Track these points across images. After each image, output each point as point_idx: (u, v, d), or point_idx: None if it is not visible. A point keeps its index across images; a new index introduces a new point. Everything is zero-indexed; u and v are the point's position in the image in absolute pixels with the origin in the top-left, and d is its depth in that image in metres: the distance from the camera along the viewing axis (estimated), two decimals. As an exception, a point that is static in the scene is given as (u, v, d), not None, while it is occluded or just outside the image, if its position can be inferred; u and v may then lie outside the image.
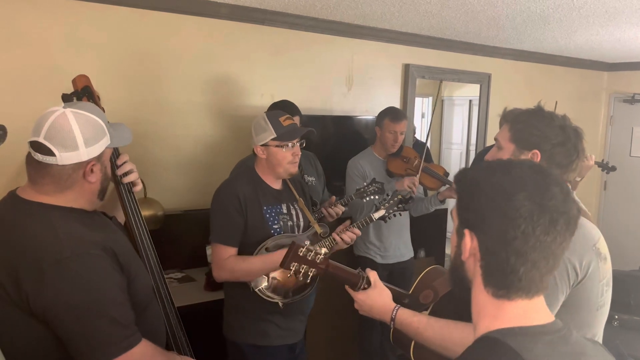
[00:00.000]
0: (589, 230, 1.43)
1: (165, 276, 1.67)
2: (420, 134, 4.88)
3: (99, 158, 1.34)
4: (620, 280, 3.14)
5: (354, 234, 2.20)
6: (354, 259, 3.21)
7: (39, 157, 1.28)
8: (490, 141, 4.57)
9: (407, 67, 4.00)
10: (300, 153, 2.13)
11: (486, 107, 4.67)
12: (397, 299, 1.50)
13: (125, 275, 1.33)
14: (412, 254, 3.29)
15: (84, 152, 1.30)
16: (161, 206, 2.77)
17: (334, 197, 2.65)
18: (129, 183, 1.60)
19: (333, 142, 3.68)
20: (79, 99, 1.60)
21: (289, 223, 2.13)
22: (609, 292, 1.46)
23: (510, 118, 1.53)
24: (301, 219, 2.18)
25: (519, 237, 0.86)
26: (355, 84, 3.78)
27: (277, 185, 2.16)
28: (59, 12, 2.61)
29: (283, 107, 2.62)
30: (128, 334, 1.27)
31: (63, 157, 1.27)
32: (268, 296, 2.01)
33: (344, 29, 3.55)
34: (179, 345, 1.64)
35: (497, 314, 0.90)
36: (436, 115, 5.37)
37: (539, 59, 4.86)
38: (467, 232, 0.92)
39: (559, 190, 0.89)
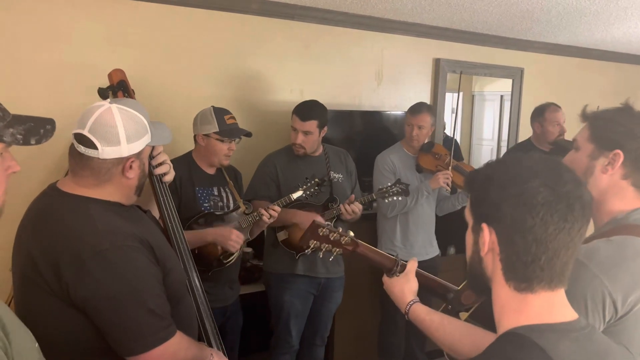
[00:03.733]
0: None
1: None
2: (450, 130, 4.82)
3: (138, 155, 1.37)
4: None
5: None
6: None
7: (81, 149, 1.31)
8: (522, 137, 4.48)
9: (437, 62, 3.95)
10: (234, 149, 2.42)
11: (518, 103, 4.58)
12: (439, 291, 1.49)
13: (160, 268, 1.35)
14: (437, 252, 3.26)
15: (125, 148, 1.32)
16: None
17: (352, 196, 2.69)
18: (161, 176, 1.62)
19: (362, 138, 3.66)
20: (115, 93, 1.63)
21: (219, 203, 2.43)
22: None
23: (591, 115, 1.34)
24: (231, 200, 2.48)
25: (537, 224, 0.85)
26: (385, 78, 3.75)
27: (210, 170, 2.47)
28: (94, 9, 2.66)
29: (305, 106, 2.69)
30: (165, 325, 1.29)
31: (105, 151, 1.30)
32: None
33: (374, 24, 3.52)
34: (209, 339, 1.66)
35: (520, 308, 0.89)
36: (466, 110, 5.28)
37: (574, 53, 4.73)
38: (484, 226, 0.91)
39: (571, 176, 0.88)
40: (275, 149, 2.89)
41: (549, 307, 0.90)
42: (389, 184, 2.79)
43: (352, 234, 1.52)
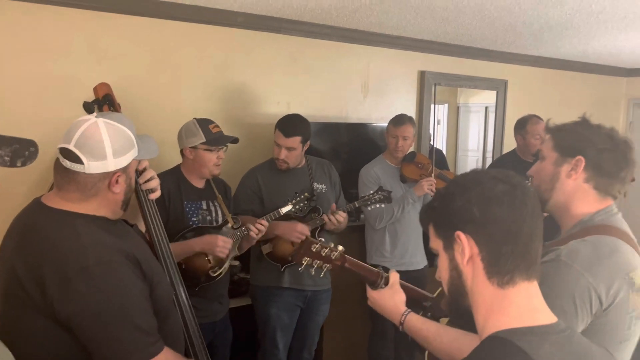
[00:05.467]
0: (626, 257, 1.32)
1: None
2: (435, 141, 4.85)
3: (125, 169, 1.36)
4: None
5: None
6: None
7: (67, 163, 1.30)
8: (506, 148, 4.53)
9: (422, 74, 3.99)
10: (223, 157, 2.40)
11: (502, 114, 4.63)
12: (418, 300, 1.50)
13: (147, 283, 1.34)
14: (426, 262, 3.27)
15: (112, 163, 1.31)
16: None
17: (334, 205, 2.69)
18: (148, 191, 1.61)
19: (348, 150, 3.67)
20: (100, 107, 1.63)
21: (208, 217, 2.42)
22: (637, 328, 1.33)
23: (554, 128, 1.48)
24: (219, 214, 2.46)
25: (506, 212, 0.92)
26: (371, 91, 3.77)
27: (199, 184, 2.45)
28: (81, 22, 2.65)
29: (288, 122, 2.68)
30: (152, 341, 1.28)
31: (91, 166, 1.29)
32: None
33: (360, 37, 3.55)
34: (197, 354, 1.64)
35: (504, 307, 0.93)
36: (452, 122, 5.34)
37: (556, 65, 4.81)
38: (459, 233, 0.95)
39: (512, 171, 0.99)
40: (261, 161, 2.89)
41: (529, 303, 0.94)
42: (371, 191, 2.81)
43: (341, 248, 1.53)
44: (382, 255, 3.12)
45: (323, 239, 1.60)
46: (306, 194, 2.59)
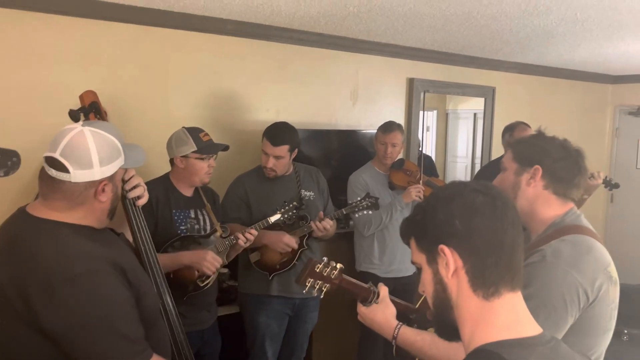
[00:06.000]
0: (602, 253, 1.44)
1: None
2: (425, 148, 4.88)
3: (111, 178, 1.35)
4: (628, 294, 3.13)
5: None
6: (356, 275, 3.19)
7: (52, 172, 1.29)
8: (495, 154, 4.57)
9: (411, 81, 4.01)
10: (214, 165, 2.40)
11: (491, 121, 4.67)
12: (404, 313, 1.50)
13: (133, 292, 1.33)
14: (415, 269, 3.28)
15: (98, 171, 1.31)
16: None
17: (321, 213, 2.69)
18: (134, 199, 1.61)
19: (338, 156, 3.68)
20: (86, 115, 1.62)
21: (196, 226, 2.40)
22: (615, 317, 1.46)
23: (512, 141, 1.63)
24: (207, 223, 2.45)
25: (488, 223, 0.94)
26: (360, 98, 3.79)
27: (188, 192, 2.44)
28: (69, 29, 2.64)
29: (276, 130, 2.68)
30: (139, 350, 1.27)
31: (76, 175, 1.28)
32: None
33: (349, 44, 3.57)
34: (184, 362, 1.63)
35: (490, 319, 0.93)
36: (441, 128, 5.37)
37: (544, 72, 4.86)
38: (442, 247, 0.96)
39: (490, 184, 1.02)
40: (250, 168, 2.88)
41: (514, 315, 0.94)
42: (359, 198, 2.82)
43: (340, 266, 1.54)
44: (370, 262, 3.12)
45: (323, 258, 1.59)
46: (295, 203, 2.59)
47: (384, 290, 1.52)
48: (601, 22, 2.97)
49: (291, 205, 2.58)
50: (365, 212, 2.79)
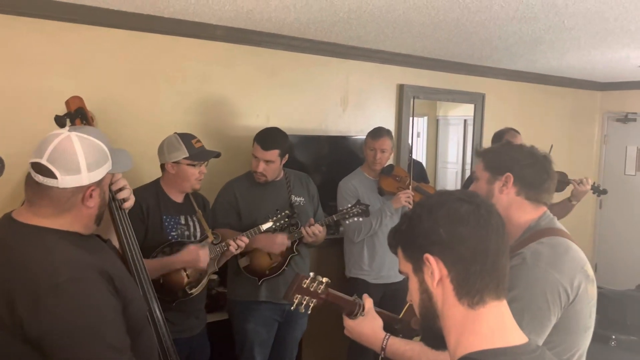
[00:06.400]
0: (578, 253, 1.50)
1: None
2: (416, 154, 4.89)
3: (99, 183, 1.34)
4: (616, 300, 3.15)
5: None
6: (346, 281, 3.19)
7: (39, 178, 1.28)
8: (485, 160, 4.58)
9: (401, 88, 4.03)
10: (205, 172, 2.39)
11: (480, 127, 4.70)
12: (388, 324, 1.51)
13: (120, 299, 1.32)
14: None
15: (86, 177, 1.30)
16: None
17: (312, 219, 2.69)
18: (120, 202, 1.59)
19: (328, 162, 3.69)
20: (72, 120, 1.61)
21: (186, 232, 2.40)
22: (594, 315, 1.52)
23: (482, 151, 1.69)
24: (197, 229, 2.44)
25: (472, 232, 0.95)
26: (350, 104, 3.80)
27: (179, 198, 2.43)
28: (57, 34, 2.63)
29: (267, 135, 2.68)
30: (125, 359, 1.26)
31: (64, 180, 1.27)
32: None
33: (339, 50, 3.58)
34: (171, 370, 1.62)
35: (475, 328, 0.94)
36: (431, 134, 5.40)
37: (533, 79, 4.91)
38: (427, 256, 0.96)
39: (475, 192, 1.05)
40: (241, 174, 2.88)
41: (500, 323, 0.95)
42: (349, 205, 2.82)
43: (326, 280, 1.54)
44: (360, 269, 3.12)
45: (310, 272, 1.59)
46: (287, 211, 2.59)
47: (369, 302, 1.53)
48: (588, 30, 3.01)
49: (283, 213, 2.58)
50: (355, 219, 2.79)
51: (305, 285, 1.50)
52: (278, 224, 2.55)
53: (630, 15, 2.64)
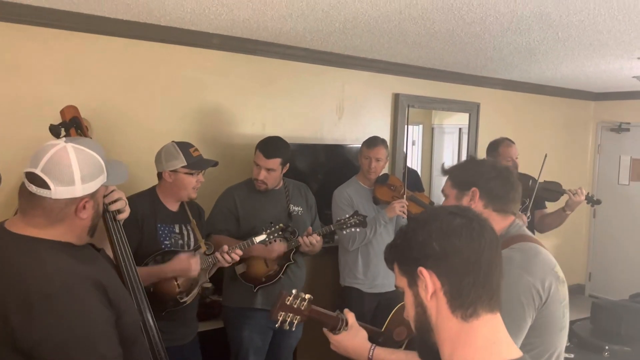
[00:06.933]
0: (547, 256, 1.56)
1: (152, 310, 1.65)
2: (411, 162, 4.91)
3: (92, 195, 1.34)
4: (610, 310, 3.15)
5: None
6: (340, 290, 3.19)
7: (32, 188, 1.27)
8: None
9: (396, 97, 4.05)
10: (203, 181, 2.39)
11: (475, 136, 4.72)
12: (372, 338, 1.53)
13: (114, 310, 1.31)
14: None
15: (80, 188, 1.29)
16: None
17: (310, 228, 2.69)
18: (115, 213, 1.59)
19: (323, 171, 3.69)
20: (67, 130, 1.61)
21: (180, 242, 2.38)
22: (568, 316, 1.56)
23: (447, 169, 1.75)
24: (192, 239, 2.43)
25: (464, 244, 0.96)
26: (346, 112, 3.81)
27: (174, 207, 2.42)
28: (53, 42, 2.63)
29: (269, 143, 2.69)
30: None
31: (58, 191, 1.27)
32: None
33: (335, 59, 3.60)
34: (165, 380, 1.61)
35: (469, 340, 0.95)
36: (426, 142, 5.41)
37: (527, 89, 4.94)
38: (421, 269, 0.97)
39: (468, 207, 1.08)
40: (236, 182, 2.88)
41: (493, 336, 0.95)
42: (347, 215, 2.82)
43: (309, 296, 1.55)
44: (355, 277, 3.12)
45: (293, 290, 1.60)
46: (281, 224, 2.58)
47: (351, 316, 1.56)
48: (582, 41, 3.03)
49: (277, 226, 2.57)
50: (353, 229, 2.80)
51: (288, 303, 1.51)
52: (272, 236, 2.55)
53: (624, 27, 2.67)
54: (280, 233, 2.57)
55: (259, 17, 2.61)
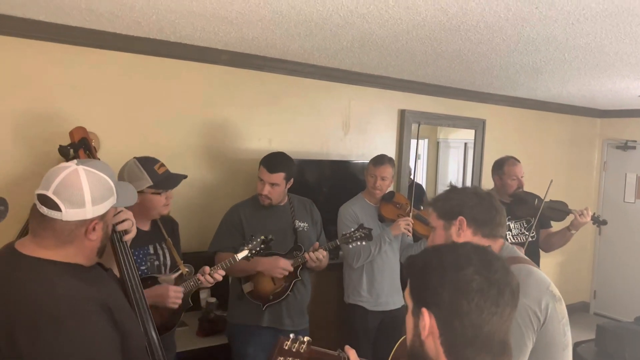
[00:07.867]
0: (541, 275, 1.57)
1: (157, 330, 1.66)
2: (415, 175, 4.91)
3: (102, 217, 1.35)
4: (615, 333, 3.13)
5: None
6: (345, 307, 3.18)
7: (44, 210, 1.29)
8: (485, 184, 4.60)
9: (402, 113, 4.06)
10: (173, 197, 2.21)
11: (481, 152, 4.73)
12: None
13: (119, 331, 1.32)
14: (403, 302, 3.27)
15: (90, 210, 1.31)
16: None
17: (317, 243, 2.69)
18: (122, 233, 1.60)
19: (330, 186, 3.70)
20: (76, 151, 1.62)
21: (156, 263, 2.23)
22: (569, 333, 1.54)
23: (431, 201, 1.75)
24: (168, 258, 2.27)
25: (473, 309, 0.93)
26: (352, 128, 3.83)
27: (145, 226, 2.23)
28: (62, 57, 2.66)
29: (273, 158, 2.69)
30: None
31: (68, 213, 1.28)
32: None
33: (342, 76, 3.62)
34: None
35: None
36: (432, 157, 5.42)
37: (533, 106, 4.94)
38: (424, 310, 0.97)
39: (501, 264, 0.99)
40: (242, 197, 2.89)
41: None
42: (352, 229, 2.82)
43: (308, 339, 1.54)
44: (359, 295, 3.11)
45: (290, 334, 1.59)
46: (262, 237, 2.45)
47: (352, 353, 1.54)
48: (588, 62, 3.04)
49: (259, 240, 2.44)
50: (358, 242, 2.79)
51: (287, 347, 1.51)
52: (254, 251, 2.41)
53: (630, 49, 2.68)
54: (262, 246, 2.45)
55: (267, 35, 2.63)
